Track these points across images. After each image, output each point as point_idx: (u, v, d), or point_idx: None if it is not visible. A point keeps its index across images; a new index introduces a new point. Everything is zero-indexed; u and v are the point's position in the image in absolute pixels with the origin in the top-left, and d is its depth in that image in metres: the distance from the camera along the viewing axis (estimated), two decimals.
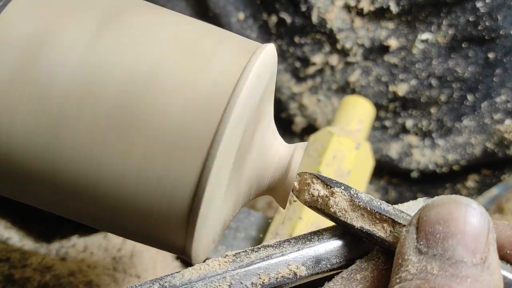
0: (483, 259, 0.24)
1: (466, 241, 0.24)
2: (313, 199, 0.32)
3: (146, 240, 0.32)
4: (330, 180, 0.31)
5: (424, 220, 0.25)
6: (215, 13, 0.71)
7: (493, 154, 0.69)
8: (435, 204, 0.26)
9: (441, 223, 0.25)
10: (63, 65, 0.28)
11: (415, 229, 0.26)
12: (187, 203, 0.28)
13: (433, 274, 0.24)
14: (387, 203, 0.30)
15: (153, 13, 0.32)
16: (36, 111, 0.28)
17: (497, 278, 0.24)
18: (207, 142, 0.28)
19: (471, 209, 0.25)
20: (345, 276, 0.28)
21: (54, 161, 0.29)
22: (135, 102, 0.28)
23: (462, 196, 0.26)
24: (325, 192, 0.31)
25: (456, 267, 0.24)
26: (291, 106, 0.77)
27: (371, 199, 0.30)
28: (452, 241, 0.24)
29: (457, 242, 0.24)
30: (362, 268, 0.28)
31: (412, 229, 0.26)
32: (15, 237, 0.61)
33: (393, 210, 0.29)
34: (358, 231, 0.30)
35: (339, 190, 0.31)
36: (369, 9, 0.70)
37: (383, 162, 0.75)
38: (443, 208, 0.25)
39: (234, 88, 0.28)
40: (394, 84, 0.73)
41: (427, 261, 0.24)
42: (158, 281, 0.29)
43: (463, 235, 0.24)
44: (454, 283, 0.23)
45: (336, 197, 0.31)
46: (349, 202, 0.30)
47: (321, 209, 0.31)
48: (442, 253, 0.24)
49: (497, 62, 0.68)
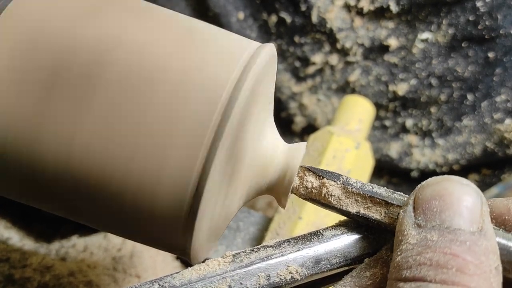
0: (479, 228, 0.25)
1: (462, 212, 0.25)
2: (307, 191, 0.32)
3: (146, 240, 0.32)
4: (321, 171, 0.32)
5: (420, 198, 0.27)
6: (215, 13, 0.71)
7: (493, 153, 0.69)
8: (430, 183, 0.27)
9: (436, 198, 0.26)
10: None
11: (412, 207, 0.27)
12: (186, 203, 0.28)
13: (433, 241, 0.25)
14: (378, 186, 0.31)
15: (156, 13, 0.32)
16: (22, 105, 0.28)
17: (494, 244, 0.25)
18: (206, 143, 0.28)
19: (464, 185, 0.26)
20: (355, 274, 0.29)
21: (54, 160, 0.29)
22: (135, 102, 0.28)
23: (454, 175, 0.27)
24: (318, 183, 0.32)
25: (455, 233, 0.25)
26: (291, 106, 0.77)
27: (362, 184, 0.31)
28: (449, 212, 0.26)
29: (454, 213, 0.25)
30: (371, 265, 0.29)
31: (410, 208, 0.27)
32: (15, 237, 0.61)
33: (385, 192, 0.30)
34: (354, 216, 0.31)
35: (330, 180, 0.31)
36: (369, 9, 0.70)
37: (383, 162, 0.75)
38: (438, 186, 0.27)
39: (234, 88, 0.28)
40: (394, 83, 0.73)
41: (426, 232, 0.25)
42: (157, 281, 0.29)
43: (459, 207, 0.26)
44: (454, 246, 0.24)
45: (329, 187, 0.31)
46: (342, 190, 0.31)
47: (316, 199, 0.32)
48: (440, 223, 0.25)
49: (497, 62, 0.68)
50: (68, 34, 0.29)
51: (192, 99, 0.28)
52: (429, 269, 0.24)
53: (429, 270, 0.24)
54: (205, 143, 0.28)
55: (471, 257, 0.24)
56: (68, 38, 0.29)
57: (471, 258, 0.24)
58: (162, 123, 0.28)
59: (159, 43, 0.29)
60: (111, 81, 0.28)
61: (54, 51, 0.29)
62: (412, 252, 0.25)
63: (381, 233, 0.31)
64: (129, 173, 0.28)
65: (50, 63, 0.29)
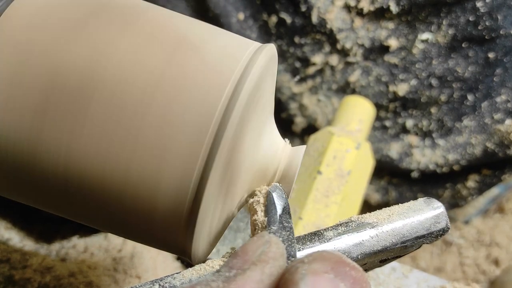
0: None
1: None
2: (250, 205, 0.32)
3: (147, 241, 0.32)
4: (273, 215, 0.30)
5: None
6: (215, 14, 0.71)
7: (494, 154, 0.69)
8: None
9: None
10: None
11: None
12: (187, 204, 0.28)
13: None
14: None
15: (157, 14, 0.32)
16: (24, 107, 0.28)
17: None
18: (207, 143, 0.28)
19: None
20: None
21: (55, 161, 0.29)
22: (137, 104, 0.28)
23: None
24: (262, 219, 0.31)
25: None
26: (291, 106, 0.77)
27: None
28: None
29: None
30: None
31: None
32: (15, 238, 0.61)
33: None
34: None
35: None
36: (369, 9, 0.70)
37: (384, 162, 0.75)
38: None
39: (234, 89, 0.28)
40: (394, 84, 0.73)
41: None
42: (158, 281, 0.29)
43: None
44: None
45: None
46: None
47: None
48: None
49: (497, 62, 0.68)
50: (57, 53, 0.29)
51: (191, 101, 0.28)
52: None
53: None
54: (205, 147, 0.28)
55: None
56: (58, 58, 0.29)
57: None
58: (160, 128, 0.28)
59: (149, 58, 0.29)
60: (105, 97, 0.28)
61: (46, 69, 0.29)
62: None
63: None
64: (129, 179, 0.28)
65: (42, 81, 0.29)
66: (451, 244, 0.76)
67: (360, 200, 0.59)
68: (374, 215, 0.32)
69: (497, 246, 0.74)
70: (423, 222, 0.31)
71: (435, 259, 0.75)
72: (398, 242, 0.31)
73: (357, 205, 0.58)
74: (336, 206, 0.53)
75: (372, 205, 0.79)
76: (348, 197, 0.56)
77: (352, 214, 0.51)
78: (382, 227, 0.31)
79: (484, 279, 0.72)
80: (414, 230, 0.31)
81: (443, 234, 0.32)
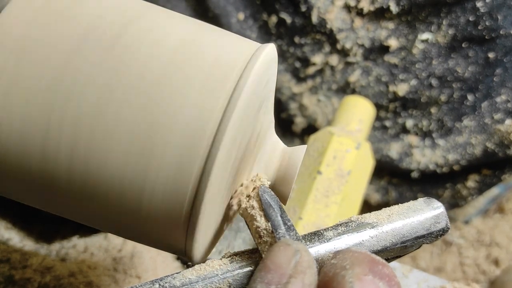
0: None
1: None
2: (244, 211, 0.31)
3: (147, 241, 0.32)
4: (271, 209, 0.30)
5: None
6: (215, 14, 0.71)
7: (494, 154, 0.69)
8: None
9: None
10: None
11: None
12: (187, 204, 0.28)
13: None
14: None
15: (158, 15, 0.32)
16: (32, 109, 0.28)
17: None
18: (207, 144, 0.28)
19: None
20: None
21: (55, 161, 0.29)
22: (147, 104, 0.28)
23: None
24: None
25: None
26: (291, 107, 0.77)
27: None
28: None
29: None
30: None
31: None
32: (15, 238, 0.61)
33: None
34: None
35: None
36: (369, 9, 0.70)
37: (384, 162, 0.75)
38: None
39: (234, 89, 0.28)
40: (394, 84, 0.73)
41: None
42: (158, 281, 0.29)
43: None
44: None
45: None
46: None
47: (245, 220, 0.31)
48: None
49: (497, 62, 0.68)
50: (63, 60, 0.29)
51: (191, 101, 0.28)
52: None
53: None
54: (206, 145, 0.28)
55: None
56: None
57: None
58: (159, 128, 0.28)
59: (149, 58, 0.29)
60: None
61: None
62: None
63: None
64: (131, 174, 0.28)
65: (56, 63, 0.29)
66: (451, 244, 0.76)
67: (360, 200, 0.59)
68: (374, 215, 0.31)
69: (497, 246, 0.74)
70: (423, 222, 0.31)
71: (435, 259, 0.75)
72: (398, 242, 0.31)
73: (357, 205, 0.58)
74: (336, 206, 0.53)
75: (372, 205, 0.79)
76: (348, 197, 0.56)
77: (352, 214, 0.51)
78: (382, 227, 0.31)
79: (484, 279, 0.72)
80: (414, 230, 0.31)
81: (443, 234, 0.32)
